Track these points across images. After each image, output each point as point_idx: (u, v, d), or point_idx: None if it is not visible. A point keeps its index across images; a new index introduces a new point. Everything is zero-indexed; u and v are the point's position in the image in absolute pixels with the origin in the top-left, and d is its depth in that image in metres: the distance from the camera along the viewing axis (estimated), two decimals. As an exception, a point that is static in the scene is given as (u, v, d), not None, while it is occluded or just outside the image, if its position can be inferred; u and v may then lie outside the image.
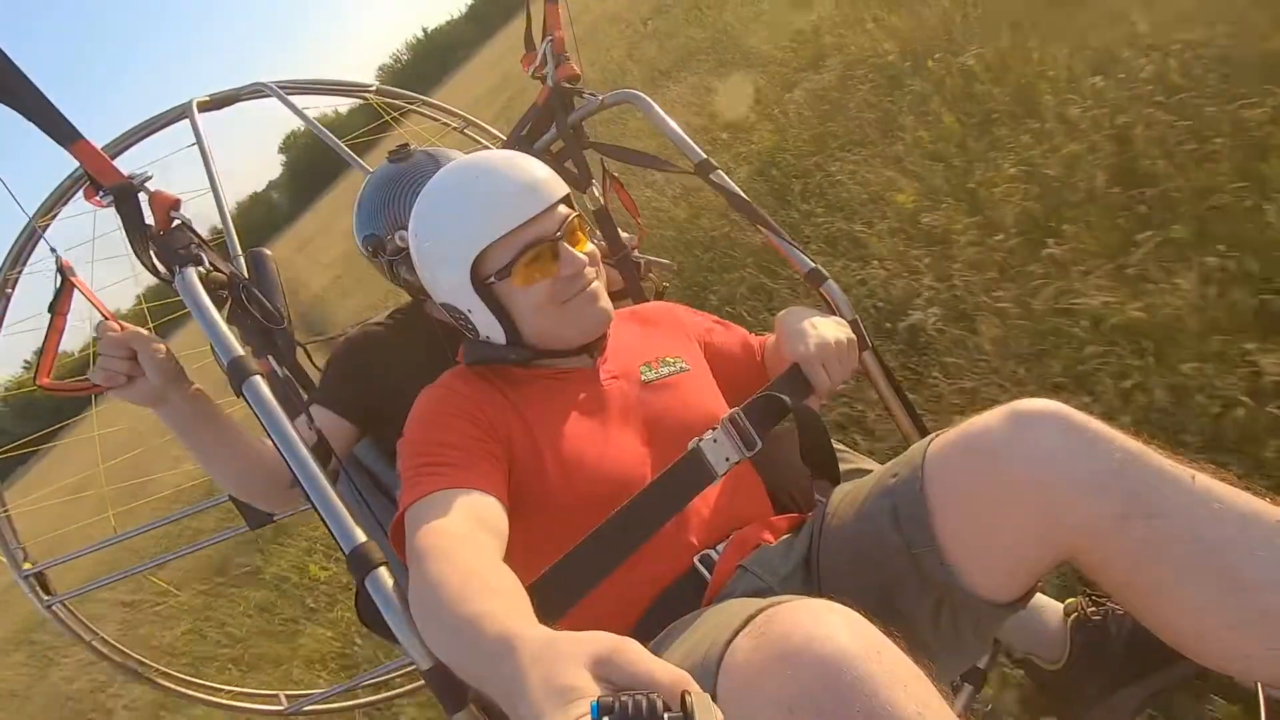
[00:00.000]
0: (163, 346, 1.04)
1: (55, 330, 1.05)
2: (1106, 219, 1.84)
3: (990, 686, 1.19)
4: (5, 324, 1.74)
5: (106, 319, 1.02)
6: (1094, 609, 1.09)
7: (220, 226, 1.41)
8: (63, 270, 1.02)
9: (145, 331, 1.03)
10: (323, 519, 0.82)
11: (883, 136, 2.94)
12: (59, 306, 1.04)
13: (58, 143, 0.99)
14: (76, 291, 1.03)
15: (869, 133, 3.01)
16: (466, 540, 0.81)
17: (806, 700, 0.57)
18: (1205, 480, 0.76)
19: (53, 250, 1.02)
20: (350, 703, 2.09)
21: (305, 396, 1.32)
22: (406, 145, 1.44)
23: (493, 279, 1.01)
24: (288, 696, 1.93)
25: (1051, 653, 1.12)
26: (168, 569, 4.67)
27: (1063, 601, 1.14)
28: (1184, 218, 1.69)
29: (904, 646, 0.62)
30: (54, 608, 1.67)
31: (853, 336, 1.14)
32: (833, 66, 3.73)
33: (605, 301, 1.07)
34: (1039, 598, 1.14)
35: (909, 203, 2.45)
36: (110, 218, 1.06)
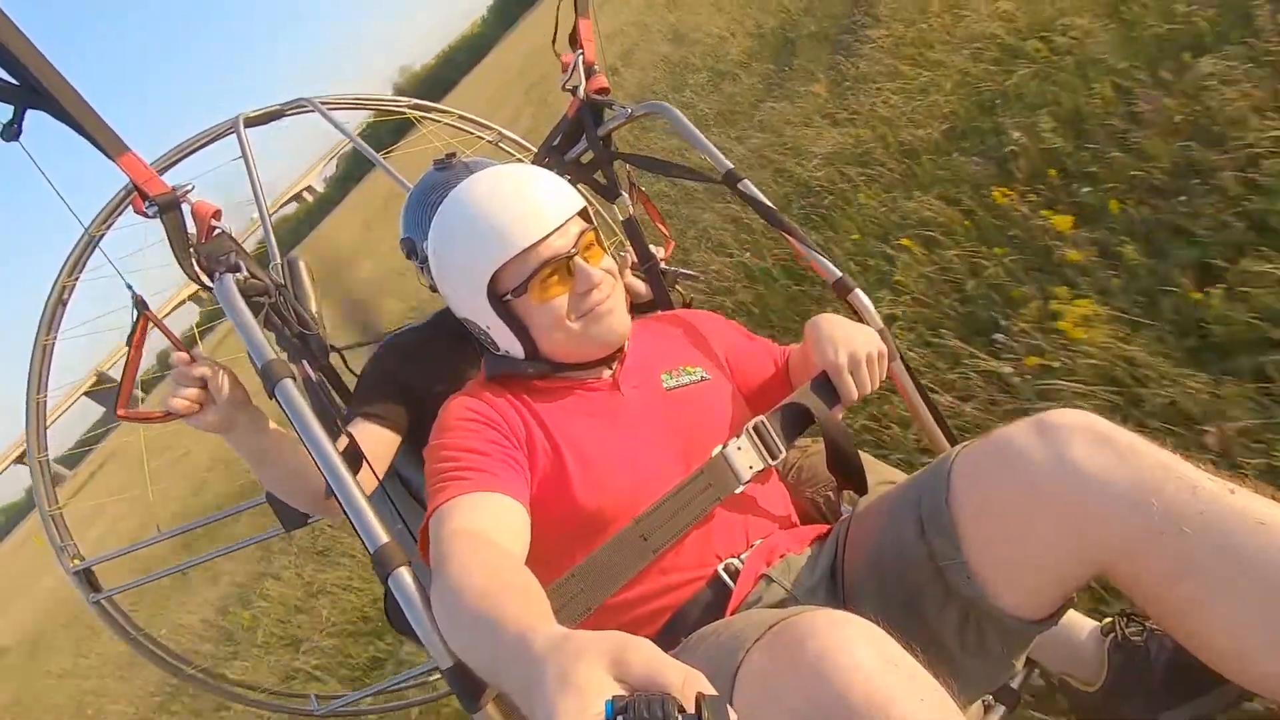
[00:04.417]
0: (231, 376, 1.04)
1: (132, 362, 1.06)
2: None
3: (1024, 707, 1.15)
4: (63, 329, 1.83)
5: (178, 350, 1.04)
6: (1133, 629, 1.05)
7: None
8: (138, 305, 1.03)
9: (215, 362, 1.03)
10: (349, 518, 0.84)
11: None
12: (135, 339, 1.06)
13: (107, 156, 1.04)
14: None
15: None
16: (488, 542, 0.82)
17: (819, 713, 0.57)
18: (1245, 494, 0.72)
19: (129, 287, 1.04)
20: (381, 706, 2.11)
21: (338, 400, 1.34)
22: (453, 155, 1.46)
23: (509, 296, 1.01)
24: (319, 698, 1.97)
25: (1087, 673, 1.08)
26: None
27: (1099, 620, 1.10)
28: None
29: (923, 660, 0.61)
30: (101, 603, 1.73)
31: (883, 347, 1.12)
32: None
33: (622, 314, 1.06)
34: (1073, 615, 1.11)
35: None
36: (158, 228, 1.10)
